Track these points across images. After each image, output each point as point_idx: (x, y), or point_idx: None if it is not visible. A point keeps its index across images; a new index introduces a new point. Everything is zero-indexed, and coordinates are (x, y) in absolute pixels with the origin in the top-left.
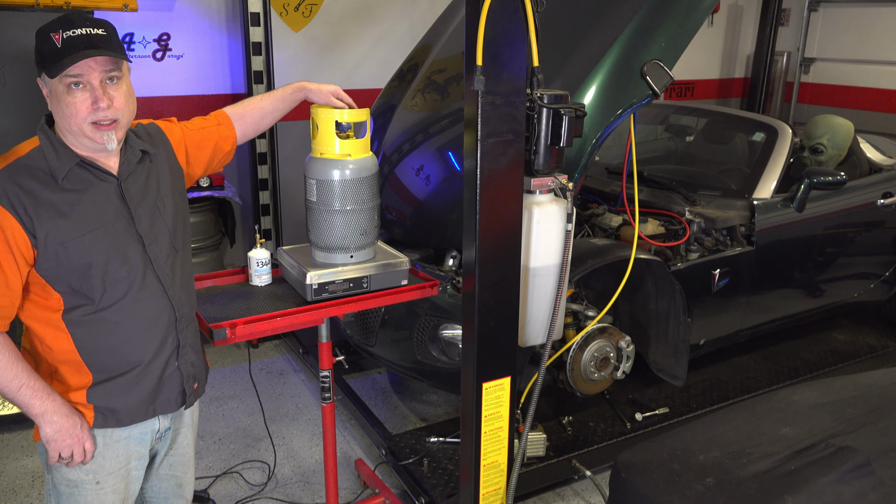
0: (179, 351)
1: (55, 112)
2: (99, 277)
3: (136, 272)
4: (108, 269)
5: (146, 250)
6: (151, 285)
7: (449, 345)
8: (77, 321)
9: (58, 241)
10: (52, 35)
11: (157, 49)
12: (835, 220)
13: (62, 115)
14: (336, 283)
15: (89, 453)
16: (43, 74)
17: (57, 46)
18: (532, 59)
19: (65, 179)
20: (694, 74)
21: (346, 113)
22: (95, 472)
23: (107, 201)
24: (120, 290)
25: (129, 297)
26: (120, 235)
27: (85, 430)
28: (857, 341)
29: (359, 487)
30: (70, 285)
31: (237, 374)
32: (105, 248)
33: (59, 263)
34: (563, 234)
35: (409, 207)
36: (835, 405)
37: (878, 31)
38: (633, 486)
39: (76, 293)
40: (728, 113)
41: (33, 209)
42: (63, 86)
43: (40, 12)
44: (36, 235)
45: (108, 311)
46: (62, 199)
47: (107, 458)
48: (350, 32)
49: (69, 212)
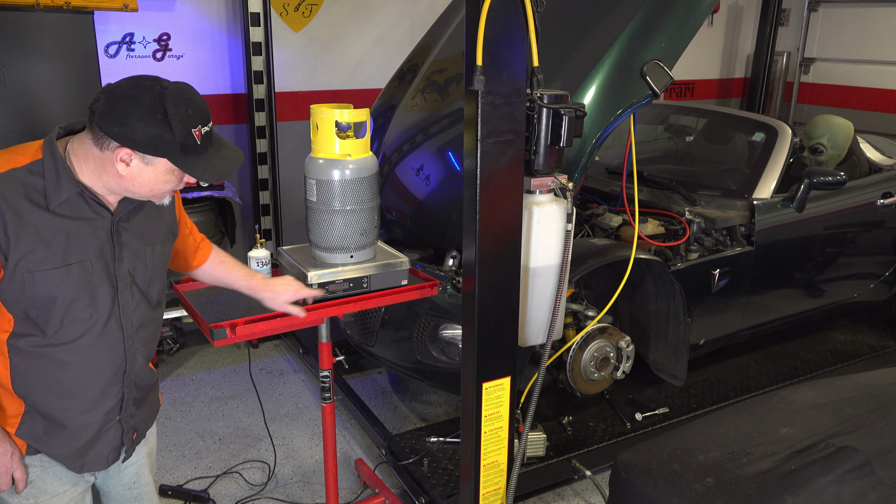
0: (123, 405)
1: (127, 177)
2: (59, 314)
3: (101, 317)
4: (72, 307)
5: (118, 295)
6: (111, 333)
7: (449, 345)
8: (20, 349)
9: (28, 268)
10: (192, 131)
11: (158, 49)
12: (835, 220)
13: (139, 184)
14: (336, 283)
15: (20, 482)
16: (154, 157)
17: (197, 143)
18: (532, 59)
19: (58, 205)
20: (694, 74)
21: (346, 113)
22: (36, 496)
23: (93, 236)
24: (77, 331)
25: (83, 340)
26: (95, 275)
27: (16, 458)
28: (857, 341)
29: (359, 487)
30: (26, 312)
31: (237, 374)
32: (75, 287)
33: (23, 290)
34: (563, 234)
35: (409, 207)
36: (835, 405)
37: (878, 31)
38: (633, 486)
39: (30, 321)
40: (728, 113)
41: (14, 229)
42: (175, 175)
43: (40, 12)
44: (8, 257)
45: (56, 349)
46: (48, 224)
47: (47, 482)
48: (350, 32)
49: (51, 239)
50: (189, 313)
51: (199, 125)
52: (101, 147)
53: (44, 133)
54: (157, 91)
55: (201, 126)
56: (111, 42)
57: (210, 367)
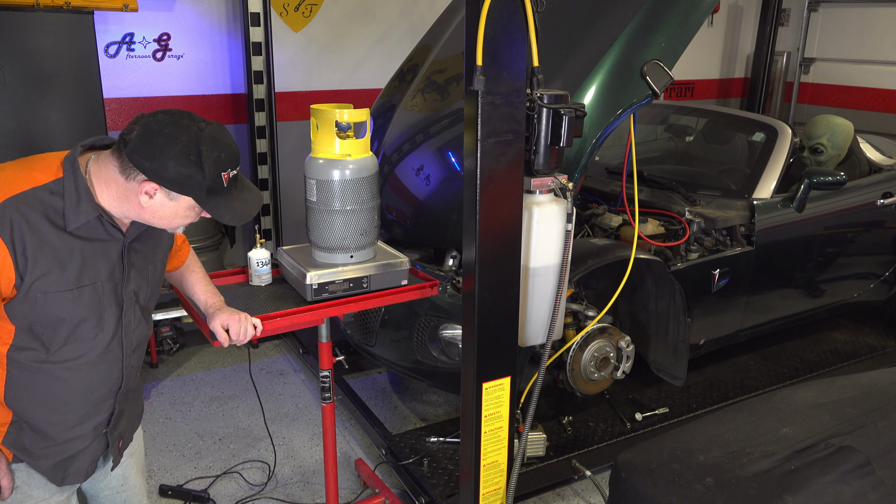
0: (112, 419)
1: (149, 208)
2: (65, 333)
3: (105, 337)
4: (79, 328)
5: (122, 316)
6: (112, 353)
7: (449, 345)
8: (20, 362)
9: (42, 289)
10: (222, 174)
11: (158, 49)
12: (835, 220)
13: (159, 217)
14: (336, 283)
15: (6, 490)
16: (182, 196)
17: (224, 186)
18: (532, 59)
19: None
20: (694, 74)
21: (346, 113)
22: (21, 501)
23: (105, 257)
24: (80, 350)
25: (84, 359)
26: (104, 297)
27: (2, 466)
28: (857, 341)
29: (359, 487)
30: (31, 327)
31: (237, 374)
32: (85, 308)
33: (34, 309)
34: (563, 234)
35: (409, 207)
36: (835, 405)
37: (878, 31)
38: (633, 486)
39: (34, 336)
40: (728, 113)
41: (33, 252)
42: (195, 212)
43: (40, 12)
44: (24, 279)
45: (57, 366)
46: (65, 246)
47: (33, 487)
48: (350, 32)
49: (67, 261)
50: (189, 313)
51: (229, 169)
52: (128, 177)
53: (43, 134)
54: (194, 132)
55: (230, 170)
56: (111, 42)
57: (210, 367)
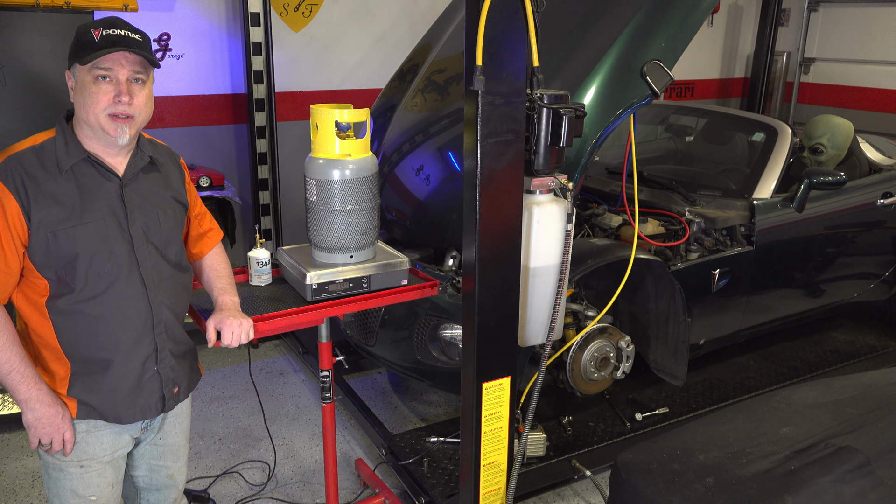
0: (158, 355)
1: (77, 102)
2: (83, 269)
3: (121, 269)
4: (94, 262)
5: (135, 251)
6: (134, 285)
7: (449, 345)
8: (59, 309)
9: (49, 228)
10: (92, 31)
11: (158, 49)
12: (835, 220)
13: (83, 105)
14: (336, 283)
15: (69, 443)
16: (74, 65)
17: (95, 40)
18: (532, 59)
19: (69, 171)
20: (694, 74)
21: (346, 113)
22: (79, 457)
23: (104, 199)
24: (102, 285)
25: (109, 293)
26: (110, 232)
27: (66, 420)
28: (857, 341)
29: (359, 487)
30: (56, 273)
31: (237, 374)
32: (93, 242)
33: (48, 251)
34: (563, 234)
35: (409, 207)
36: (835, 405)
37: (878, 31)
38: (633, 486)
39: (61, 281)
40: (728, 113)
41: (33, 194)
42: (91, 76)
43: (40, 12)
44: (31, 218)
45: (87, 304)
46: (62, 189)
47: (90, 444)
48: (350, 33)
49: (66, 201)
50: (189, 313)
51: (102, 28)
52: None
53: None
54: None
55: (104, 29)
56: None
57: (210, 367)
